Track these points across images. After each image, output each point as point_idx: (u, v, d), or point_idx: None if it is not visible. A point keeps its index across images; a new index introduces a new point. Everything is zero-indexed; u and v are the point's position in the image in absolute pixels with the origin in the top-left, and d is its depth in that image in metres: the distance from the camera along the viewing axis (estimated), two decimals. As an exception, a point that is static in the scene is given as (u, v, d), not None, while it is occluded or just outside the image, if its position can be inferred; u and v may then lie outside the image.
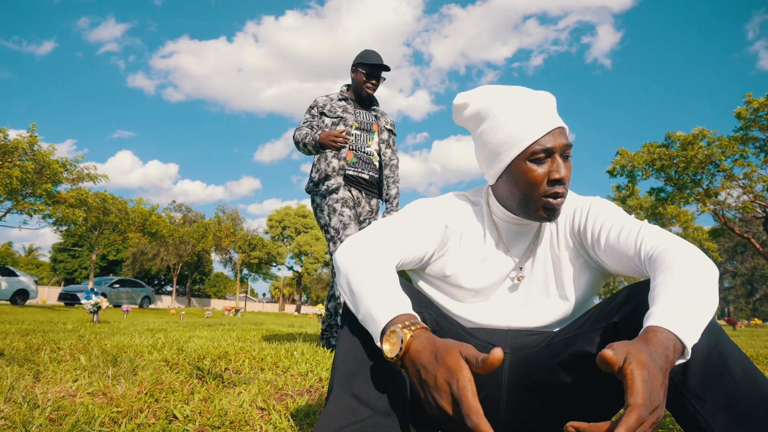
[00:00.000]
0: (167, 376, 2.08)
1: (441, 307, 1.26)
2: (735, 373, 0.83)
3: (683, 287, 0.85)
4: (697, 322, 0.80)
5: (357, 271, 0.97)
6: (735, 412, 0.81)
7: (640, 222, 1.10)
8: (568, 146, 1.10)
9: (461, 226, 1.24)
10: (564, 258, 1.20)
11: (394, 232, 1.11)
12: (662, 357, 0.72)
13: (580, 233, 1.18)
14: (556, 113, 1.13)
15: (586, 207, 1.18)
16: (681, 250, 0.95)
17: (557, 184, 1.08)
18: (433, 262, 1.24)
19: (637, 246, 1.04)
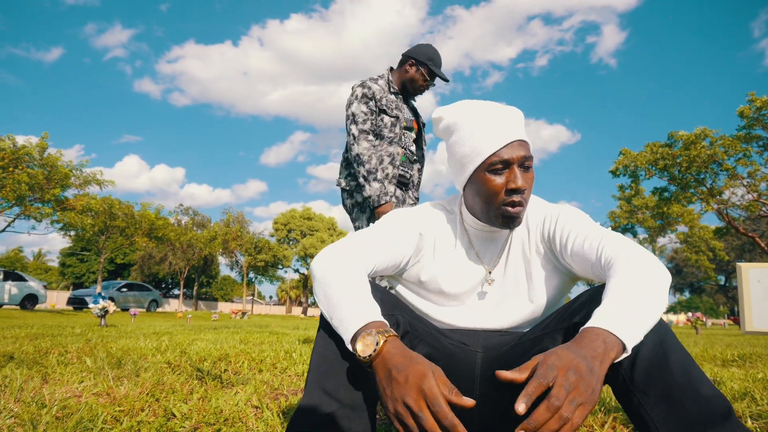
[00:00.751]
0: (169, 377, 2.17)
1: (417, 310, 1.34)
2: (674, 368, 0.91)
3: (628, 290, 0.93)
4: (638, 323, 0.88)
5: (331, 280, 1.06)
6: (672, 403, 0.89)
7: (604, 230, 1.18)
8: (526, 158, 1.17)
9: (435, 234, 1.32)
10: (535, 263, 1.29)
11: (368, 241, 1.20)
12: (593, 350, 0.80)
13: (549, 240, 1.26)
14: (518, 127, 1.21)
15: (555, 215, 1.26)
16: (634, 257, 1.03)
17: (514, 194, 1.16)
18: (409, 269, 1.32)
19: (598, 253, 1.12)
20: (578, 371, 0.78)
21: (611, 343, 0.84)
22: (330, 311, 1.02)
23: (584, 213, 1.28)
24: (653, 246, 31.51)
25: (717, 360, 3.21)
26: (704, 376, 0.91)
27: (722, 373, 2.61)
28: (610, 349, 0.83)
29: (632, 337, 0.86)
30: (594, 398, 0.78)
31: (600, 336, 0.84)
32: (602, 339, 0.84)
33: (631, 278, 0.97)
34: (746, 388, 2.09)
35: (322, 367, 0.98)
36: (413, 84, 2.89)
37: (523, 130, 1.21)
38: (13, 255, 60.37)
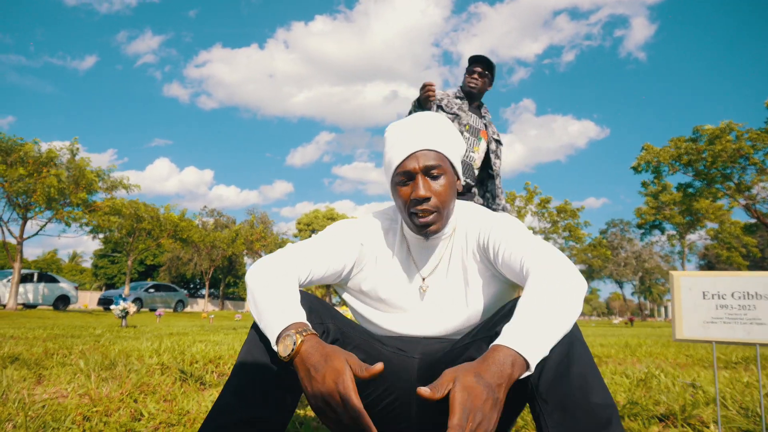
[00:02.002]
0: (156, 379, 2.27)
1: (361, 317, 1.39)
2: (573, 379, 0.94)
3: (536, 306, 0.97)
4: (543, 339, 0.91)
5: (260, 287, 1.12)
6: (565, 412, 0.92)
7: (532, 241, 1.20)
8: (431, 167, 1.20)
9: (376, 244, 1.37)
10: (472, 271, 1.32)
11: (305, 252, 1.26)
12: (496, 375, 0.84)
13: (484, 249, 1.29)
14: (425, 137, 1.23)
15: (489, 226, 1.29)
16: (548, 270, 1.06)
17: (417, 204, 1.20)
18: (352, 278, 1.38)
19: (521, 263, 1.15)
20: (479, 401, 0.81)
21: (515, 363, 0.87)
22: (258, 316, 1.08)
23: (520, 224, 1.31)
24: (682, 243, 30.74)
25: (705, 362, 3.17)
26: (599, 386, 0.94)
27: (708, 376, 2.59)
28: (514, 369, 0.86)
29: (536, 355, 0.89)
30: (490, 427, 0.82)
31: (506, 356, 0.87)
32: (508, 359, 0.87)
33: (541, 292, 1.00)
34: (722, 392, 2.08)
35: (240, 372, 1.04)
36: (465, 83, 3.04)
37: (434, 138, 1.22)
38: (50, 257, 62.51)
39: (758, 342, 1.17)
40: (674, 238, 31.59)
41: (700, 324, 1.22)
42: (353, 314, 1.45)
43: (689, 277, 1.25)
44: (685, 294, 1.25)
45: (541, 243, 1.20)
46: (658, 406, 1.91)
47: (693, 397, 2.01)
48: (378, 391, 1.28)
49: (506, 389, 0.85)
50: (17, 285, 17.82)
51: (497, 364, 0.86)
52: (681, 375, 2.54)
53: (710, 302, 1.22)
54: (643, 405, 1.85)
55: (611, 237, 44.28)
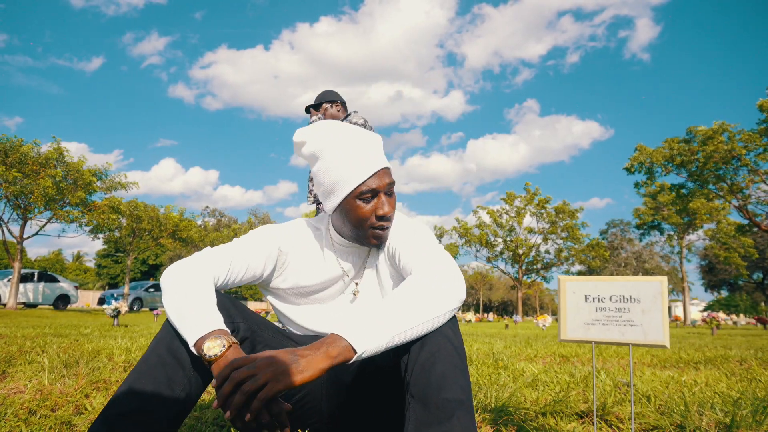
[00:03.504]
0: (116, 376, 2.38)
1: (283, 316, 1.49)
2: (433, 376, 1.04)
3: (385, 305, 1.07)
4: (378, 333, 1.01)
5: (178, 290, 1.21)
6: (423, 405, 1.02)
7: (426, 248, 1.29)
8: (391, 184, 1.31)
9: (300, 249, 1.47)
10: (386, 274, 1.42)
11: (221, 256, 1.35)
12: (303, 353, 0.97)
13: (393, 257, 1.39)
14: (381, 154, 1.33)
15: (397, 236, 1.39)
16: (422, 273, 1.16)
17: (383, 220, 1.30)
18: (273, 280, 1.47)
19: (411, 268, 1.25)
20: (273, 362, 0.95)
21: (339, 348, 0.98)
22: (177, 319, 1.16)
23: (422, 231, 1.40)
24: (680, 243, 30.74)
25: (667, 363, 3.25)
26: (455, 384, 1.03)
27: (648, 376, 2.67)
28: (335, 353, 0.97)
29: (365, 344, 0.99)
30: (285, 378, 0.94)
31: (332, 342, 0.99)
32: (332, 343, 0.98)
33: (399, 292, 1.11)
34: (653, 389, 2.17)
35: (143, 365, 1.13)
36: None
37: (384, 156, 1.33)
38: (54, 257, 62.89)
39: (630, 342, 1.26)
40: (672, 239, 31.57)
41: (582, 325, 1.31)
42: (277, 314, 1.55)
43: (574, 281, 1.34)
44: (570, 297, 1.34)
45: (435, 250, 1.29)
46: (585, 403, 2.00)
47: (623, 394, 2.10)
48: None
49: (322, 368, 0.96)
50: (17, 284, 17.98)
51: (321, 345, 0.99)
52: (624, 375, 2.63)
53: (591, 305, 1.31)
54: (569, 403, 1.94)
55: (611, 237, 44.26)
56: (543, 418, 1.81)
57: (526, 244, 34.75)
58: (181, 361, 1.15)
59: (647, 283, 1.27)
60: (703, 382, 2.43)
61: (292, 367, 0.96)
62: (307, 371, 0.96)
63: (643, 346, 1.26)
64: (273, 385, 0.94)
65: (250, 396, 0.94)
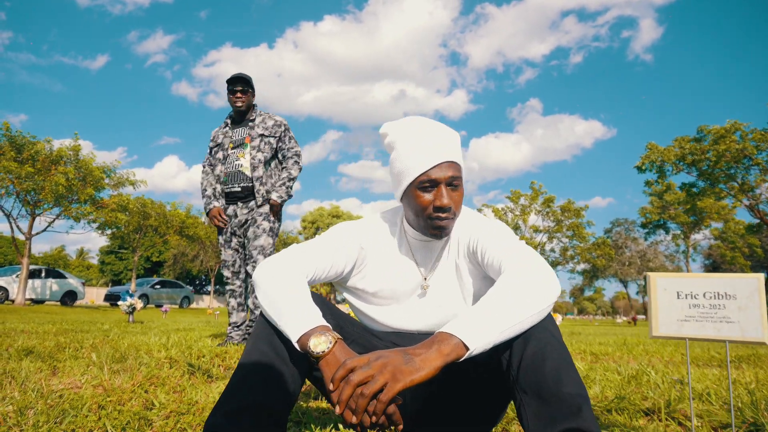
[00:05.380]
0: (165, 372, 2.38)
1: (361, 313, 1.49)
2: (547, 372, 1.03)
3: (489, 302, 1.06)
4: (486, 329, 1.00)
5: (274, 287, 1.21)
6: (541, 401, 1.01)
7: (513, 245, 1.29)
8: (454, 178, 1.30)
9: (377, 245, 1.46)
10: (465, 271, 1.42)
11: (308, 252, 1.35)
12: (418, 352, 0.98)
13: (473, 253, 1.38)
14: (449, 149, 1.33)
15: (477, 233, 1.38)
16: (518, 267, 1.15)
17: (440, 211, 1.30)
18: (352, 277, 1.47)
19: (500, 264, 1.24)
20: (388, 362, 0.97)
21: (451, 345, 0.98)
22: (276, 315, 1.16)
23: (505, 229, 1.40)
24: (686, 242, 30.67)
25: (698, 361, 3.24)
26: (572, 379, 1.03)
27: (697, 373, 2.66)
28: (448, 350, 0.98)
29: (476, 340, 0.99)
30: (403, 378, 0.94)
31: (443, 340, 0.99)
32: (444, 341, 0.99)
33: (500, 288, 1.11)
34: (707, 387, 2.17)
35: (246, 362, 1.14)
36: (231, 104, 3.67)
37: (454, 151, 1.32)
38: (57, 253, 62.99)
39: (726, 339, 1.26)
40: (678, 238, 31.50)
41: (675, 322, 1.30)
42: (354, 312, 1.55)
43: (665, 278, 1.34)
44: (661, 294, 1.33)
45: (523, 246, 1.29)
46: (645, 401, 1.99)
47: (680, 392, 2.09)
48: None
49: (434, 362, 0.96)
50: (25, 280, 18.02)
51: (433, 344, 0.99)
52: (672, 372, 2.62)
53: (684, 302, 1.31)
54: (631, 400, 1.93)
55: (616, 236, 44.19)
56: (609, 414, 1.81)
57: (531, 242, 34.71)
58: (283, 356, 1.15)
59: (744, 279, 1.26)
60: (752, 380, 2.42)
61: (407, 366, 0.96)
62: (423, 370, 0.96)
63: (740, 342, 1.25)
64: (392, 385, 0.94)
65: (371, 398, 0.94)
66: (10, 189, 17.59)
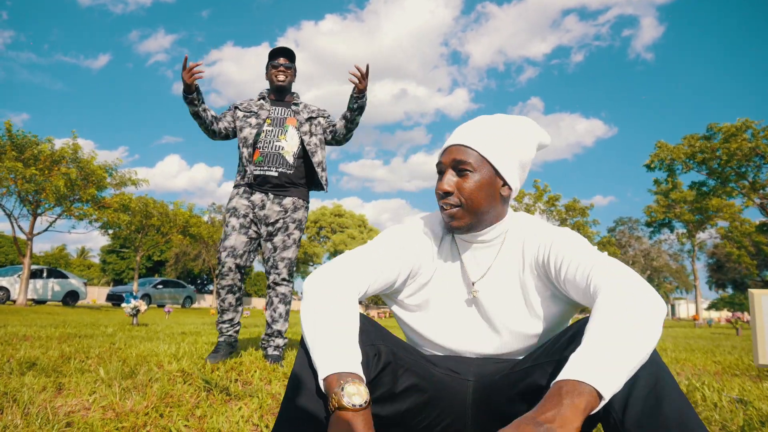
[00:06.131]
0: (178, 388, 2.20)
1: (409, 327, 1.32)
2: (668, 416, 0.85)
3: (608, 330, 0.87)
4: (617, 368, 0.82)
5: (322, 306, 1.03)
6: None
7: (597, 256, 1.11)
8: (458, 161, 1.18)
9: (430, 250, 1.30)
10: (530, 287, 1.23)
11: (364, 263, 1.17)
12: (563, 417, 0.75)
13: (544, 266, 1.20)
14: (466, 133, 1.21)
15: (548, 242, 1.20)
16: (620, 289, 0.96)
17: (441, 197, 1.21)
18: (405, 288, 1.30)
19: (587, 281, 1.06)
20: None
21: (585, 396, 0.78)
22: (313, 340, 0.99)
23: (580, 237, 1.22)
24: (692, 241, 30.44)
25: (735, 370, 3.05)
26: (695, 422, 0.85)
27: (753, 389, 2.47)
28: (586, 404, 0.78)
29: (609, 385, 0.80)
30: None
31: (572, 391, 0.78)
32: (576, 394, 0.78)
33: (613, 315, 0.91)
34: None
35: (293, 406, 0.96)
36: (271, 80, 3.18)
37: (474, 136, 1.20)
38: (58, 252, 62.90)
39: None
40: (684, 237, 31.25)
41: (788, 349, 1.12)
42: (401, 325, 1.38)
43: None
44: (767, 314, 1.15)
45: (609, 259, 1.11)
46: (711, 425, 1.81)
47: (745, 414, 1.91)
48: (432, 415, 1.21)
49: (577, 427, 0.76)
50: (27, 281, 17.86)
51: (564, 404, 0.77)
52: (718, 386, 2.44)
53: (799, 325, 1.12)
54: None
55: (619, 235, 43.97)
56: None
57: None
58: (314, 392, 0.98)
59: None
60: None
61: None
62: None
63: None
64: None
65: None
66: (11, 189, 17.43)
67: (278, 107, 3.17)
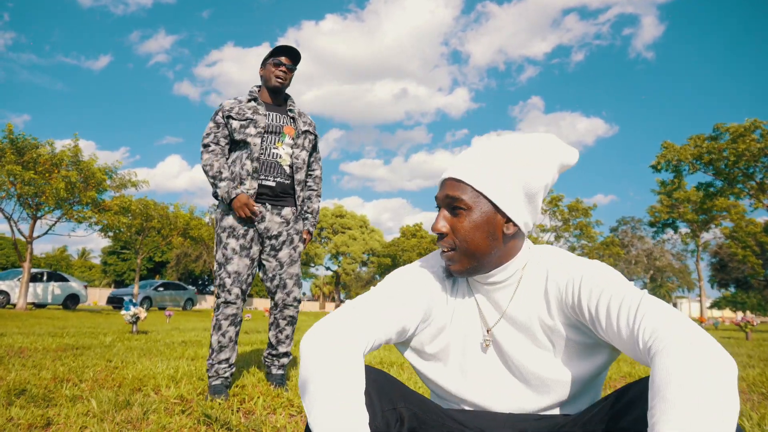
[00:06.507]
0: (176, 421, 2.05)
1: (425, 377, 1.18)
2: None
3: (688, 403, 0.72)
4: None
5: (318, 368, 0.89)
6: None
7: (639, 296, 0.95)
8: (452, 198, 1.03)
9: (443, 293, 1.15)
10: (558, 334, 1.08)
11: (369, 315, 1.02)
12: None
13: (574, 309, 1.04)
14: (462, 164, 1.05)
15: (577, 278, 1.04)
16: (686, 348, 0.81)
17: (437, 239, 1.07)
18: (417, 335, 1.15)
19: (635, 331, 0.90)
20: None
21: None
22: (309, 407, 0.85)
23: (613, 272, 1.05)
24: (696, 241, 30.24)
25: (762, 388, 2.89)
26: None
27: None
28: None
29: None
30: None
31: None
32: None
33: (687, 381, 0.75)
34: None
35: None
36: (269, 83, 2.86)
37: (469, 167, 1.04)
38: (59, 254, 62.85)
39: None
40: (688, 236, 31.05)
41: None
42: (420, 377, 1.23)
43: None
44: None
45: (654, 300, 0.95)
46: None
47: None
48: None
49: None
50: (27, 284, 17.75)
51: None
52: (757, 417, 2.28)
53: None
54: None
55: (622, 235, 43.82)
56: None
57: (539, 242, 34.36)
58: None
59: None
60: None
61: None
62: None
63: None
64: None
65: None
66: (11, 192, 17.30)
67: (274, 113, 2.88)
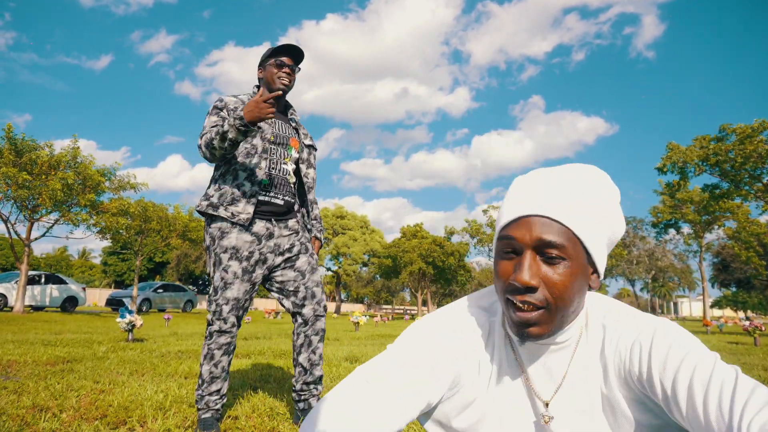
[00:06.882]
0: (160, 466, 1.86)
1: None
2: None
3: None
4: None
5: None
6: None
7: (733, 373, 0.76)
8: (549, 244, 0.80)
9: (476, 354, 0.95)
10: (620, 407, 0.88)
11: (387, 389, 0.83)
12: None
13: (641, 381, 0.85)
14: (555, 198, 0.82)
15: (646, 344, 0.85)
16: None
17: (517, 291, 0.82)
18: (441, 404, 0.96)
19: (736, 421, 0.70)
20: None
21: None
22: None
23: (688, 334, 0.86)
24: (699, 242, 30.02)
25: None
26: None
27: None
28: None
29: None
30: None
31: None
32: None
33: None
34: None
35: None
36: (271, 87, 2.55)
37: (566, 204, 0.82)
38: (59, 254, 62.76)
39: None
40: (691, 237, 30.83)
41: None
42: None
43: None
44: None
45: (742, 377, 0.75)
46: None
47: None
48: None
49: None
50: (24, 287, 17.58)
51: None
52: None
53: None
54: None
55: (623, 235, 43.63)
56: None
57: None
58: None
59: None
60: None
61: None
62: None
63: None
64: None
65: None
66: (7, 194, 17.13)
67: (279, 121, 2.59)
